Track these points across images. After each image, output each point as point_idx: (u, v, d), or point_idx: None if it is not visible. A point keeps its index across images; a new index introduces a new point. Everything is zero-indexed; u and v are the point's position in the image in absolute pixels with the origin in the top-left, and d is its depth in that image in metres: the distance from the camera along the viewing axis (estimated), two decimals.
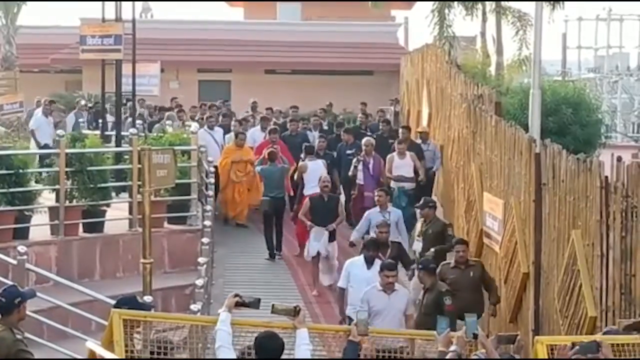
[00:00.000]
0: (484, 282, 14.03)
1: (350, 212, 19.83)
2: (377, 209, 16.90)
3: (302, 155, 20.04)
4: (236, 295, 8.54)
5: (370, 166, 19.78)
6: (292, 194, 20.38)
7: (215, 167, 20.58)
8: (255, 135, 22.58)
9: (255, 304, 8.58)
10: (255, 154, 20.95)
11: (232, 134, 22.06)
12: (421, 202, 16.39)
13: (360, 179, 19.69)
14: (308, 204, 17.82)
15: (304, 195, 19.16)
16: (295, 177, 19.92)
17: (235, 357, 8.17)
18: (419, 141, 20.90)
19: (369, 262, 13.86)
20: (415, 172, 19.44)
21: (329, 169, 19.99)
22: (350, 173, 19.84)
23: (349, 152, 20.84)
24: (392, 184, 19.21)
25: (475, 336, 8.35)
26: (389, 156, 19.57)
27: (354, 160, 19.90)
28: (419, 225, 16.36)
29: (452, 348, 8.31)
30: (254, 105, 27.55)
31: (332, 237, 17.50)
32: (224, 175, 20.84)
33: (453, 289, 13.09)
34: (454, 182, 18.47)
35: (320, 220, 17.39)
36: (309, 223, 17.51)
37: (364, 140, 20.27)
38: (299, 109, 27.19)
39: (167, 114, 23.97)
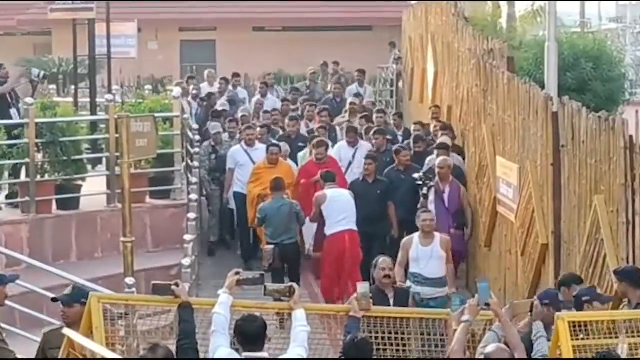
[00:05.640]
0: None
1: None
2: None
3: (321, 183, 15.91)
4: (237, 273, 8.55)
5: (446, 197, 15.83)
6: None
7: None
8: (342, 151, 17.89)
9: (258, 280, 8.58)
10: (300, 178, 16.98)
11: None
12: None
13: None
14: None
15: (325, 235, 15.47)
16: (313, 212, 15.67)
17: (229, 343, 8.19)
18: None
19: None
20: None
21: (383, 200, 16.22)
22: (419, 205, 15.33)
23: (416, 175, 16.04)
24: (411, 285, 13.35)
25: (488, 305, 8.35)
26: (405, 240, 14.05)
27: (424, 188, 15.82)
28: None
29: (464, 318, 8.35)
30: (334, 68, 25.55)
31: None
32: (251, 207, 16.89)
33: None
34: (464, 147, 18.45)
35: None
36: None
37: (437, 161, 15.94)
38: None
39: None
